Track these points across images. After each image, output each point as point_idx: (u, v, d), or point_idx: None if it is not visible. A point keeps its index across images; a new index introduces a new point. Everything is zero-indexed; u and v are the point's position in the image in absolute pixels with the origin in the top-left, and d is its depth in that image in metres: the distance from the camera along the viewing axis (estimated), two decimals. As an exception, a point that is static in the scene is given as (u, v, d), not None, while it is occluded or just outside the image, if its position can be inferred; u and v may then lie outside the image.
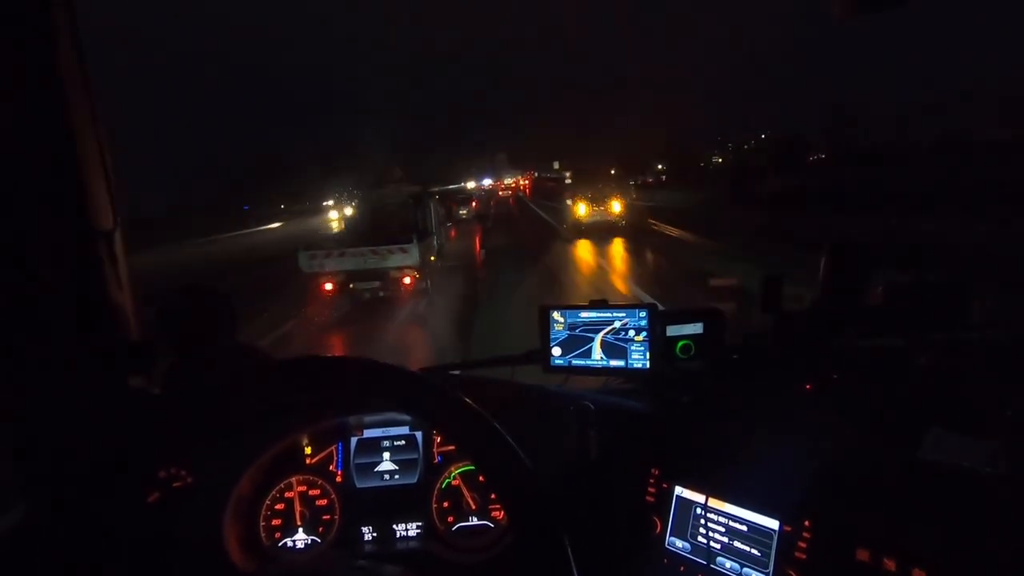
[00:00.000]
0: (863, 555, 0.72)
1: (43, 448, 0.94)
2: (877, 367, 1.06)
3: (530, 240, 14.77)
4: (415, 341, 6.79)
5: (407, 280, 8.09)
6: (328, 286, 8.03)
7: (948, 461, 0.78)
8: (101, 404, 0.98)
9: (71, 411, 0.95)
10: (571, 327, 1.27)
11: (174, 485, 1.01)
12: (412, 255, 8.06)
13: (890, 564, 0.70)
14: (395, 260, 8.03)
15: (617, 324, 1.22)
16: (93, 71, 0.98)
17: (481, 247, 14.00)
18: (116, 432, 0.93)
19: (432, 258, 9.28)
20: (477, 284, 9.43)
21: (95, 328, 0.99)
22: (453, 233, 13.27)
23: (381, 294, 8.17)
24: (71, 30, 0.94)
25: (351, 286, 8.14)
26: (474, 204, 25.17)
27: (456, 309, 7.50)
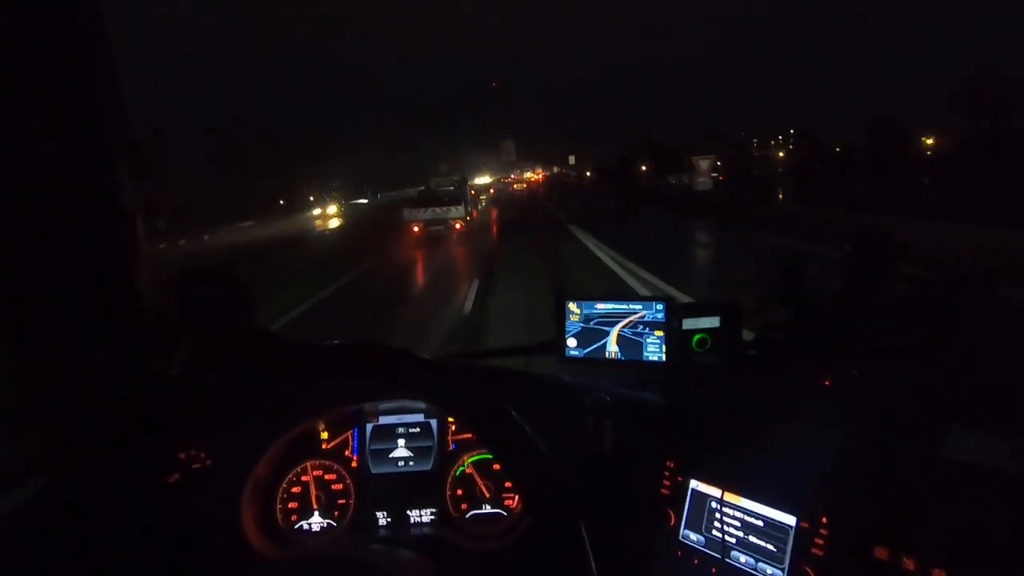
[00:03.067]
0: (882, 553, 0.71)
1: (65, 430, 0.96)
2: (898, 363, 1.04)
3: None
4: (460, 253, 13.36)
5: (457, 225, 16.32)
6: (415, 228, 16.23)
7: (971, 459, 0.77)
8: (123, 387, 1.00)
9: (93, 393, 0.97)
10: (587, 319, 1.26)
11: (194, 467, 1.02)
12: (460, 211, 16.53)
13: (909, 563, 0.69)
14: (451, 213, 16.38)
15: (634, 317, 1.22)
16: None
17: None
18: (137, 415, 0.94)
19: (468, 217, 17.36)
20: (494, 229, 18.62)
21: (116, 311, 1.01)
22: (475, 213, 21.43)
23: (443, 232, 16.08)
24: (97, 19, 0.95)
25: (428, 228, 16.13)
26: (492, 191, 33.70)
27: (483, 239, 15.47)
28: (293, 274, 12.98)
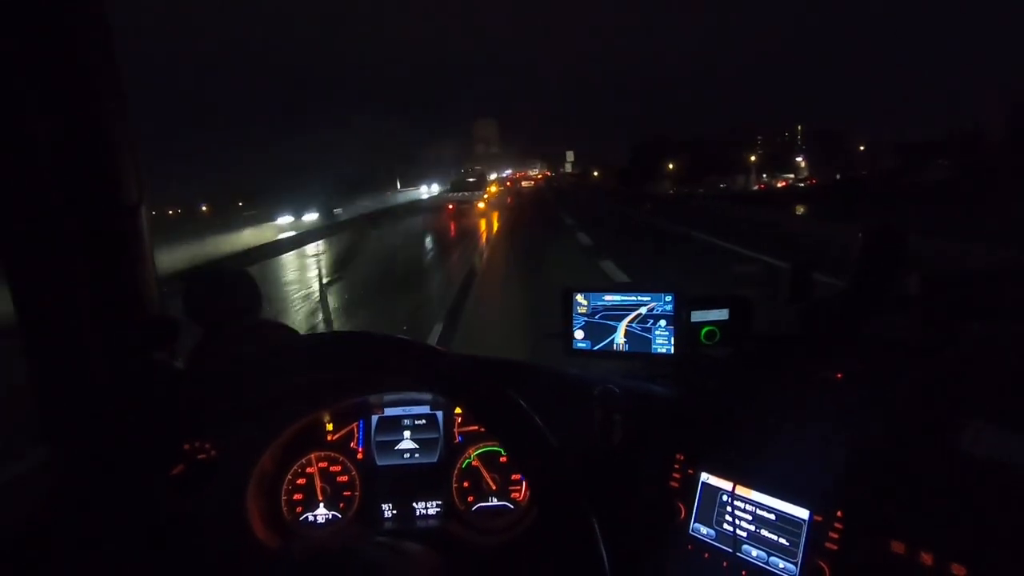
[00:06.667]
0: (898, 548, 0.70)
1: (69, 421, 0.96)
2: (912, 357, 1.02)
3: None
4: (481, 217, 23.03)
5: (480, 204, 27.00)
6: (450, 206, 27.34)
7: (989, 455, 0.75)
8: (126, 378, 0.99)
9: (97, 385, 0.96)
10: (594, 311, 1.25)
11: (198, 458, 1.02)
12: (480, 194, 28.96)
13: (927, 558, 0.67)
14: (474, 196, 28.80)
15: (643, 310, 1.20)
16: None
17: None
18: (142, 406, 0.94)
19: (487, 197, 29.17)
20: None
21: (120, 302, 1.00)
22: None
23: (468, 207, 25.91)
24: (100, 15, 0.94)
25: (458, 205, 26.90)
26: (509, 183, 38.60)
27: (496, 210, 26.56)
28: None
